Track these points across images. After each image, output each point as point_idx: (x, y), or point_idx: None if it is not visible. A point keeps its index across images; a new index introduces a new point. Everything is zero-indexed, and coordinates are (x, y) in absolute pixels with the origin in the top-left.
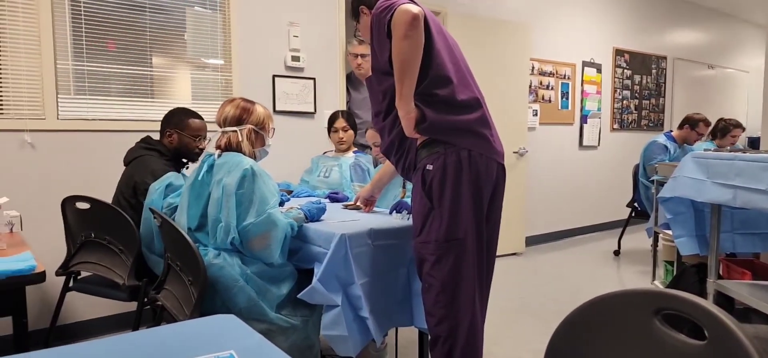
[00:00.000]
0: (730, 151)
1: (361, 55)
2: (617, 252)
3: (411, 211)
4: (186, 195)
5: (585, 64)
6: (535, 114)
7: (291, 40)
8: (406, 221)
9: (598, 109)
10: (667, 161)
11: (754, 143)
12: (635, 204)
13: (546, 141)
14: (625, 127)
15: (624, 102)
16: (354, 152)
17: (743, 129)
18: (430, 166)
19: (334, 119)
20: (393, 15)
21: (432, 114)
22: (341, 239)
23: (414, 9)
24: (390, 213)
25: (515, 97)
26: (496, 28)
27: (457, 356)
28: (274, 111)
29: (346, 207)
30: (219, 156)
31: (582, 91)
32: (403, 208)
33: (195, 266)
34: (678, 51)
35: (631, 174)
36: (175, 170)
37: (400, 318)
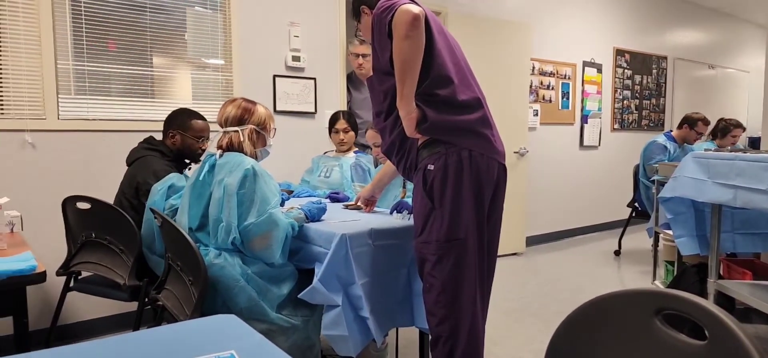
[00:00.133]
0: (730, 151)
1: (362, 55)
2: (618, 252)
3: (411, 211)
4: (187, 195)
5: (585, 64)
6: (536, 114)
7: (291, 40)
8: (406, 221)
9: (599, 109)
10: (666, 161)
11: (755, 143)
12: (636, 204)
13: (546, 141)
14: (625, 127)
15: (624, 102)
16: (355, 152)
17: (744, 129)
18: (431, 166)
19: (335, 120)
20: (394, 15)
21: (433, 114)
22: (342, 239)
23: (415, 9)
24: (390, 213)
25: (516, 97)
26: (496, 28)
27: (457, 356)
28: (275, 111)
29: (347, 207)
30: (220, 156)
31: (582, 91)
32: (404, 208)
33: (195, 266)
34: (678, 51)
35: (631, 174)
36: (177, 171)
37: (401, 318)
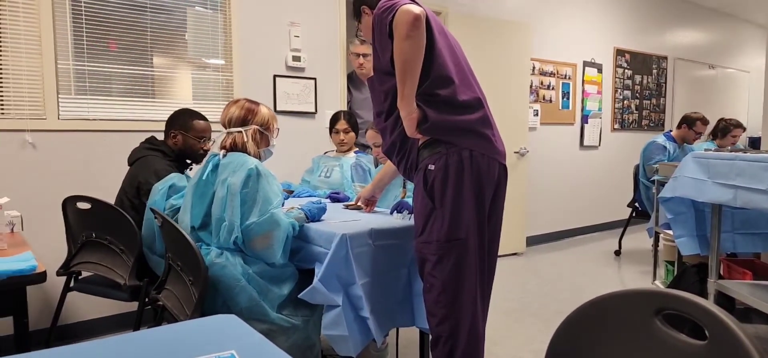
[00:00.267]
0: (730, 151)
1: (363, 55)
2: (618, 252)
3: (412, 211)
4: (190, 194)
5: (586, 64)
6: (536, 114)
7: (292, 40)
8: (407, 221)
9: (599, 109)
10: (666, 162)
11: (755, 143)
12: (636, 204)
13: (547, 141)
14: (625, 127)
15: (625, 102)
16: (355, 152)
17: (744, 129)
18: (431, 167)
19: (335, 120)
20: (395, 15)
21: (434, 114)
22: (342, 239)
23: (416, 9)
24: (391, 213)
25: (516, 97)
26: (496, 28)
27: (458, 356)
28: (275, 111)
29: (347, 207)
30: (224, 156)
31: (583, 91)
32: (404, 208)
33: (196, 267)
34: (679, 51)
35: (631, 174)
36: (178, 171)
37: (401, 318)
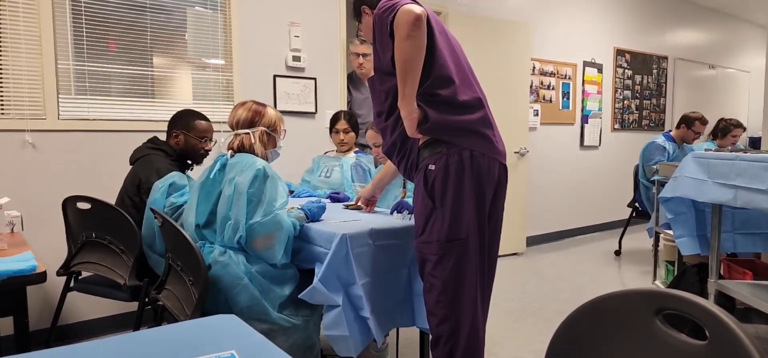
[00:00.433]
0: (731, 151)
1: (363, 55)
2: (618, 252)
3: (412, 211)
4: (196, 192)
5: (586, 64)
6: (536, 114)
7: (292, 40)
8: (407, 221)
9: (599, 109)
10: (665, 162)
11: (755, 143)
12: (636, 204)
13: (547, 141)
14: (626, 127)
15: (625, 102)
16: (355, 152)
17: (744, 129)
18: (432, 167)
19: (335, 120)
20: (396, 15)
21: (434, 114)
22: (342, 239)
23: (417, 9)
24: (391, 213)
25: (516, 97)
26: (497, 28)
27: (458, 356)
28: None
29: (347, 207)
30: (231, 156)
31: (583, 91)
32: (404, 208)
33: (196, 267)
34: (679, 51)
35: (631, 174)
36: (179, 171)
37: (402, 318)
